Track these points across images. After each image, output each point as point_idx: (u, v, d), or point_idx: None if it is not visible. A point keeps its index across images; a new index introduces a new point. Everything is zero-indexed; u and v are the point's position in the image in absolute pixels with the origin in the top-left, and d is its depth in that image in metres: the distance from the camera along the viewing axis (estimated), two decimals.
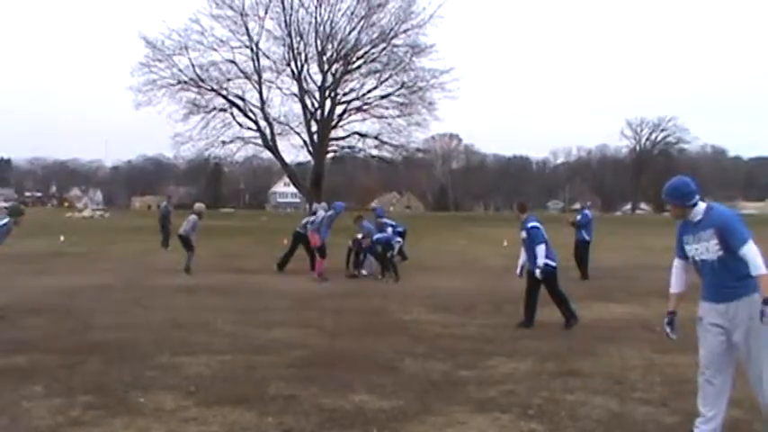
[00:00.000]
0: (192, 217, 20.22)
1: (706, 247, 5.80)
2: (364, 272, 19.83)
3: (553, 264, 11.92)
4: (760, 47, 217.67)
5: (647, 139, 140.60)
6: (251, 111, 57.71)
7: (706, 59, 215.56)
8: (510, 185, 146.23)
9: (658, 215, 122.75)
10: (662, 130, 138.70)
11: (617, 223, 69.38)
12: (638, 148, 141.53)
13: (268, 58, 57.64)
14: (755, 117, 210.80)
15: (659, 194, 6.92)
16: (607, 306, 14.36)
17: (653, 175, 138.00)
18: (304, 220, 21.29)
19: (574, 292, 15.17)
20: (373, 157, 63.91)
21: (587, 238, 19.46)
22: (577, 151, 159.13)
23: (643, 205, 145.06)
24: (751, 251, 5.61)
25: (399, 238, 20.26)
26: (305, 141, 58.83)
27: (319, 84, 58.56)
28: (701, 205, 5.89)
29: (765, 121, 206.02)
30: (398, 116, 59.03)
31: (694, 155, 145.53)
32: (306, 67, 58.25)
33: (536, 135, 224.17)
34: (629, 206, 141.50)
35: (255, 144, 59.35)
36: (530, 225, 11.92)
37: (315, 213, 20.38)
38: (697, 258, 5.91)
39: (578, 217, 19.93)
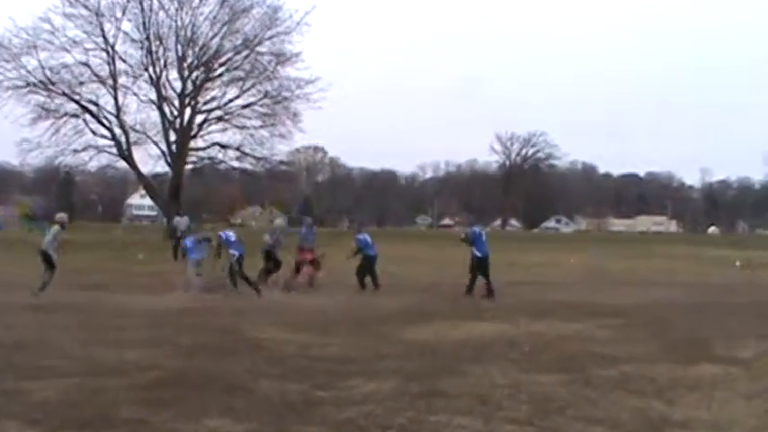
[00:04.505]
0: (55, 228, 19.47)
1: None
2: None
3: None
4: (629, 65, 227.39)
5: (518, 155, 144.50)
6: (105, 117, 55.99)
7: (576, 75, 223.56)
8: (376, 200, 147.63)
9: (528, 231, 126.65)
10: (532, 146, 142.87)
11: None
12: (507, 163, 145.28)
13: (124, 61, 56.10)
14: (624, 134, 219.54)
15: (529, 210, 7.27)
16: (474, 324, 14.54)
17: (523, 191, 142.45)
18: (270, 238, 21.78)
19: (441, 310, 15.60)
20: (234, 168, 63.17)
21: (478, 254, 19.79)
22: (446, 166, 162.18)
23: (513, 221, 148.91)
24: None
25: (234, 251, 19.81)
26: (163, 151, 57.56)
27: (179, 91, 57.44)
28: None
29: (634, 138, 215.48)
30: (261, 127, 58.52)
31: (565, 171, 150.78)
32: (165, 72, 57.05)
33: (404, 149, 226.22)
34: (498, 222, 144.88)
35: (110, 153, 57.66)
36: None
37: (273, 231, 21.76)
38: None
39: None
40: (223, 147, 59.23)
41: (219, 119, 58.93)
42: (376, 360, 10.77)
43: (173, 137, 57.51)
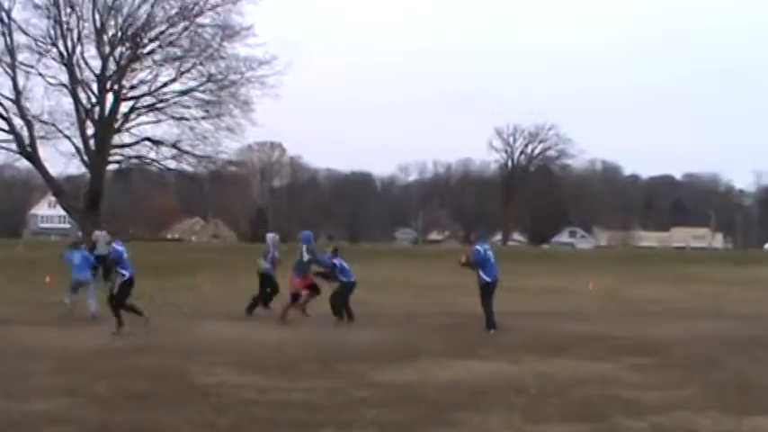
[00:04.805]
0: None
1: None
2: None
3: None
4: (655, 49, 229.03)
5: (522, 153, 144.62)
6: (1, 104, 55.86)
7: (591, 56, 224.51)
8: (348, 208, 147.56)
9: (535, 248, 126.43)
10: (540, 141, 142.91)
11: None
12: (510, 163, 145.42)
13: (26, 33, 55.58)
14: (656, 126, 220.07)
15: (536, 221, 7.24)
16: (467, 363, 14.64)
17: (529, 198, 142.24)
18: (265, 262, 22.54)
19: (427, 345, 15.57)
20: (170, 170, 63.07)
21: (486, 278, 19.49)
22: (434, 167, 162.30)
23: (516, 235, 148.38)
24: None
25: (125, 271, 19.28)
26: (78, 148, 57.14)
27: (98, 72, 57.11)
28: None
29: (668, 131, 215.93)
30: (204, 118, 58.26)
31: (582, 172, 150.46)
32: (79, 48, 56.65)
33: (381, 146, 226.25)
34: (499, 236, 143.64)
35: (7, 149, 57.34)
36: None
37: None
38: None
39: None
40: (155, 143, 58.96)
41: (151, 108, 58.71)
42: (348, 408, 10.81)
43: (90, 130, 57.17)
